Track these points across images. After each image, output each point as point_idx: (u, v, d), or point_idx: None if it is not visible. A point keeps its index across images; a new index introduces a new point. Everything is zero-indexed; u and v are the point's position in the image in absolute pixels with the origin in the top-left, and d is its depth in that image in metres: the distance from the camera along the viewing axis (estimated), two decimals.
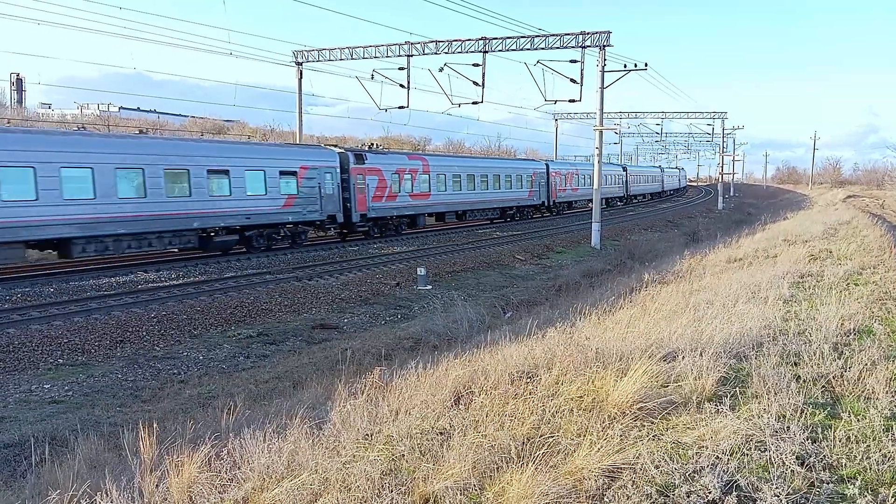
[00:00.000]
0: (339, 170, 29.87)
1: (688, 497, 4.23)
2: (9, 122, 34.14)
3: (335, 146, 32.67)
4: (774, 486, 4.26)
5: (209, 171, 24.38)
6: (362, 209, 31.09)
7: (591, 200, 56.30)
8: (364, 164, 31.45)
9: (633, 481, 4.46)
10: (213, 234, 24.97)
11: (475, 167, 41.68)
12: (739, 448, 4.84)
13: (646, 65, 33.49)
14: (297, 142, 38.37)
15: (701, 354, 6.57)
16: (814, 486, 4.40)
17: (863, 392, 6.06)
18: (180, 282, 20.59)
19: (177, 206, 23.28)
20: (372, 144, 36.84)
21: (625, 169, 71.75)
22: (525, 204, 46.66)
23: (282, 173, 27.07)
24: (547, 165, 50.40)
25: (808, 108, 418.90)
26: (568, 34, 31.92)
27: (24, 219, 19.37)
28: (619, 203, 66.43)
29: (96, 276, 20.72)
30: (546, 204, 49.39)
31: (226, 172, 25.00)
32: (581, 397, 5.84)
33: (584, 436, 5.10)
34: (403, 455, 5.14)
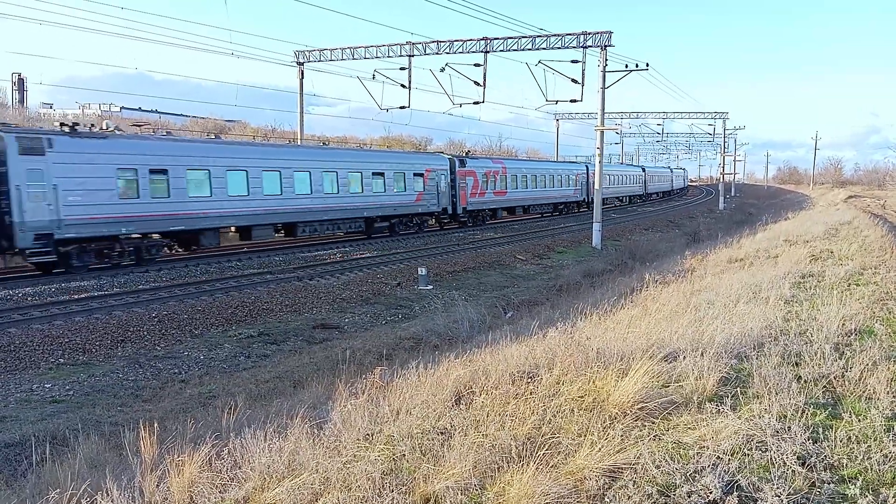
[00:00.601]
0: (449, 172, 37.92)
1: (689, 497, 4.23)
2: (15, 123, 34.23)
3: (442, 153, 44.09)
4: (775, 487, 4.26)
5: (373, 174, 32.48)
6: (464, 203, 39.28)
7: (619, 197, 66.03)
8: (465, 167, 39.48)
9: (634, 481, 4.45)
10: (374, 221, 32.87)
11: (537, 169, 50.48)
12: (740, 448, 4.84)
13: (647, 65, 33.47)
14: (299, 142, 38.63)
15: (702, 354, 6.57)
16: (815, 486, 4.40)
17: (864, 392, 6.06)
18: (181, 281, 20.60)
19: (354, 199, 31.38)
20: (468, 152, 46.00)
21: (643, 170, 78.71)
22: (571, 200, 54.69)
23: (414, 175, 35.13)
24: (587, 167, 56.70)
25: (809, 109, 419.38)
26: (569, 34, 31.92)
27: (274, 208, 27.38)
28: (639, 200, 73.44)
29: (97, 275, 20.74)
30: (586, 200, 54.96)
31: (382, 174, 33.00)
32: (582, 397, 5.84)
33: (585, 436, 5.10)
34: (404, 455, 5.14)
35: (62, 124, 22.14)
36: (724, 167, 79.70)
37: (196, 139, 32.05)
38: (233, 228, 26.31)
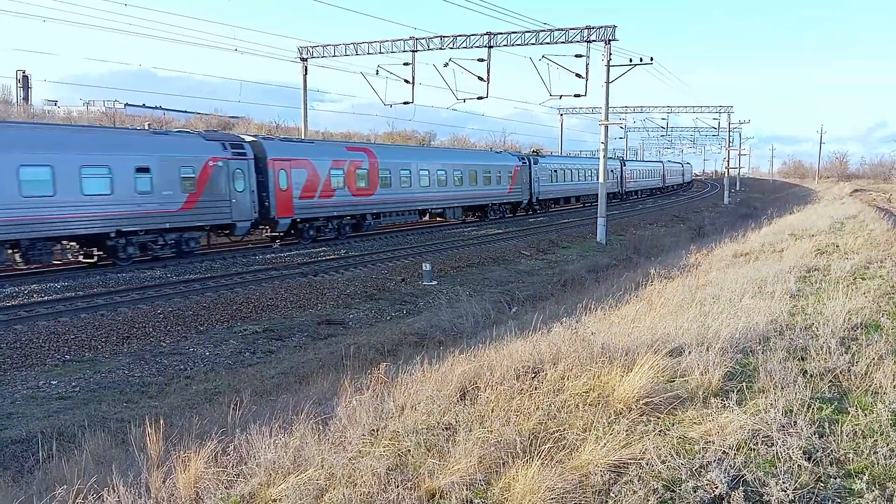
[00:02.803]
0: (621, 168, 64.12)
1: (694, 492, 4.22)
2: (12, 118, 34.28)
3: (612, 158, 66.49)
4: (781, 481, 4.25)
5: (589, 171, 55.41)
6: (627, 187, 66.67)
7: (651, 189, 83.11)
8: (626, 167, 66.90)
9: (640, 476, 4.45)
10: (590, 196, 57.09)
11: (654, 167, 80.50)
12: (746, 443, 4.83)
13: (651, 59, 33.43)
14: (303, 136, 38.90)
15: (707, 349, 6.55)
16: (821, 480, 4.39)
17: (870, 387, 6.04)
18: (186, 278, 20.64)
19: (587, 185, 54.68)
20: (624, 157, 72.86)
21: (682, 165, 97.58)
22: (668, 185, 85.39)
23: (611, 171, 56.65)
24: (622, 161, 75.42)
25: (815, 103, 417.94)
26: (573, 29, 31.81)
27: (578, 188, 54.56)
28: (679, 189, 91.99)
29: (102, 273, 20.79)
30: (661, 186, 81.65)
31: (594, 170, 54.92)
32: (587, 392, 5.83)
33: (590, 431, 5.10)
34: (409, 450, 5.14)
35: (534, 151, 56.44)
36: (728, 161, 79.45)
37: (567, 157, 62.28)
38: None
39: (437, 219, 37.98)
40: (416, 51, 34.10)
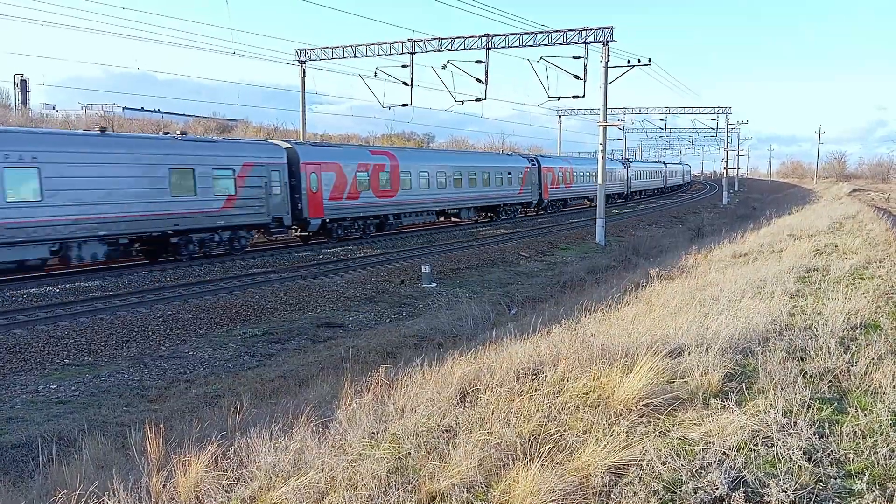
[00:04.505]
0: (664, 169, 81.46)
1: (695, 493, 4.23)
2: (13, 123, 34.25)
3: (658, 161, 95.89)
4: (782, 482, 4.25)
5: (657, 172, 78.25)
6: (674, 183, 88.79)
7: (677, 185, 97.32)
8: (667, 167, 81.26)
9: (640, 478, 4.45)
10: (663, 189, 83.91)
11: (675, 169, 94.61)
12: (746, 444, 4.83)
13: (649, 60, 33.39)
14: (301, 139, 38.93)
15: (707, 350, 6.56)
16: (821, 481, 4.39)
17: (870, 387, 6.05)
18: (185, 281, 20.63)
19: (655, 182, 78.17)
20: (664, 160, 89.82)
21: (688, 166, 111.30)
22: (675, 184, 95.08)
23: (653, 173, 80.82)
24: (664, 164, 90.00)
25: (814, 104, 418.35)
26: (571, 30, 31.83)
27: (641, 183, 75.31)
28: (685, 186, 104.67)
29: (101, 276, 20.79)
30: (675, 184, 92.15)
31: (658, 174, 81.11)
32: (587, 394, 5.83)
33: (590, 433, 5.10)
34: (410, 453, 5.14)
35: (626, 158, 75.19)
36: (727, 162, 79.51)
37: (645, 161, 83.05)
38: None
39: (588, 202, 57.71)
40: (415, 53, 34.14)
